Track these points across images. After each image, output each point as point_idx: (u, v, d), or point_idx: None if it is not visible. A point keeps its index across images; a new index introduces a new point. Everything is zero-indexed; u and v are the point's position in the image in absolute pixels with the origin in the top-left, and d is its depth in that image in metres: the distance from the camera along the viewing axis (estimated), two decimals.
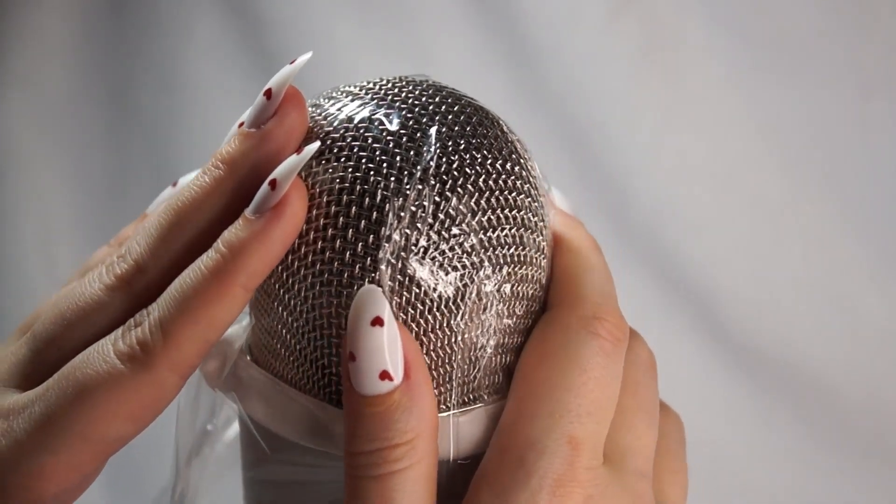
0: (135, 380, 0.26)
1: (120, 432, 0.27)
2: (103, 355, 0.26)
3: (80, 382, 0.26)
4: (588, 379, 0.28)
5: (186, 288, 0.26)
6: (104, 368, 0.26)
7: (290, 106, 0.28)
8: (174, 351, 0.26)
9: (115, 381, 0.26)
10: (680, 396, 0.41)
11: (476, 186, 0.28)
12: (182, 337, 0.26)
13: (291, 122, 0.28)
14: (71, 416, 0.26)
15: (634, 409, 0.29)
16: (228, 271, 0.26)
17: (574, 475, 0.27)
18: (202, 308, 0.26)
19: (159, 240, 0.28)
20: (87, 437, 0.26)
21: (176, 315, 0.26)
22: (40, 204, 0.83)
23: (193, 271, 0.26)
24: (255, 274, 0.26)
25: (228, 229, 0.27)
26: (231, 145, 0.28)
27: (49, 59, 0.83)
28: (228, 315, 0.26)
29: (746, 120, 0.81)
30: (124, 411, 0.26)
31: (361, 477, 0.26)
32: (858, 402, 0.80)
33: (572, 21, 0.80)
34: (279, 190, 0.26)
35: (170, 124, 0.83)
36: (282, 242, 0.27)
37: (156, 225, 0.28)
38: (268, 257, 0.26)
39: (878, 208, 0.80)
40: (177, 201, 0.28)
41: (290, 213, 0.26)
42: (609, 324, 0.28)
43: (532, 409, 0.27)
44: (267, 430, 0.29)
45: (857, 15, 0.78)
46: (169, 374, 0.26)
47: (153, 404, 0.27)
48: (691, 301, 0.82)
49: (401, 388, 0.26)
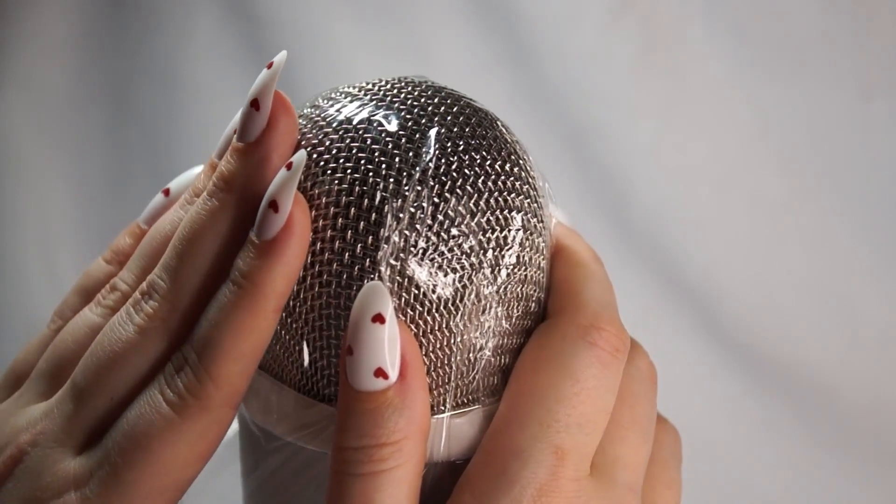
0: (194, 425, 0.26)
1: (190, 475, 0.27)
2: (156, 407, 0.26)
3: (141, 439, 0.26)
4: (580, 389, 0.27)
5: (222, 327, 0.26)
6: (163, 422, 0.26)
7: (280, 115, 0.28)
8: (224, 388, 0.26)
9: (177, 432, 0.26)
10: (679, 396, 0.41)
11: (475, 188, 0.28)
12: (229, 374, 0.26)
13: (283, 136, 0.28)
14: (142, 474, 0.26)
15: (629, 422, 0.29)
16: (257, 302, 0.26)
17: (557, 486, 0.27)
18: (241, 342, 0.26)
19: (183, 272, 0.28)
20: (162, 490, 0.26)
21: (218, 355, 0.26)
22: (40, 204, 0.83)
23: (224, 308, 0.26)
24: (282, 294, 0.27)
25: (242, 256, 0.27)
26: (231, 164, 0.28)
27: (49, 59, 0.83)
28: (265, 339, 0.27)
29: (746, 120, 0.81)
30: (193, 456, 0.27)
31: (345, 473, 0.26)
32: (858, 402, 0.80)
33: (572, 21, 0.80)
34: (283, 212, 0.26)
35: (169, 124, 0.83)
36: (298, 258, 0.27)
37: (174, 256, 0.28)
38: (290, 277, 0.27)
39: (878, 208, 0.80)
40: (190, 230, 0.28)
41: (298, 230, 0.26)
42: (608, 333, 0.28)
43: (521, 416, 0.27)
44: (265, 430, 0.29)
45: (857, 15, 0.78)
46: (224, 409, 0.27)
47: (215, 440, 0.27)
48: (691, 301, 0.82)
49: (395, 387, 0.26)
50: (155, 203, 0.33)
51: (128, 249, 0.33)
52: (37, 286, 0.81)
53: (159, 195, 0.33)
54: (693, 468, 0.34)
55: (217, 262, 0.27)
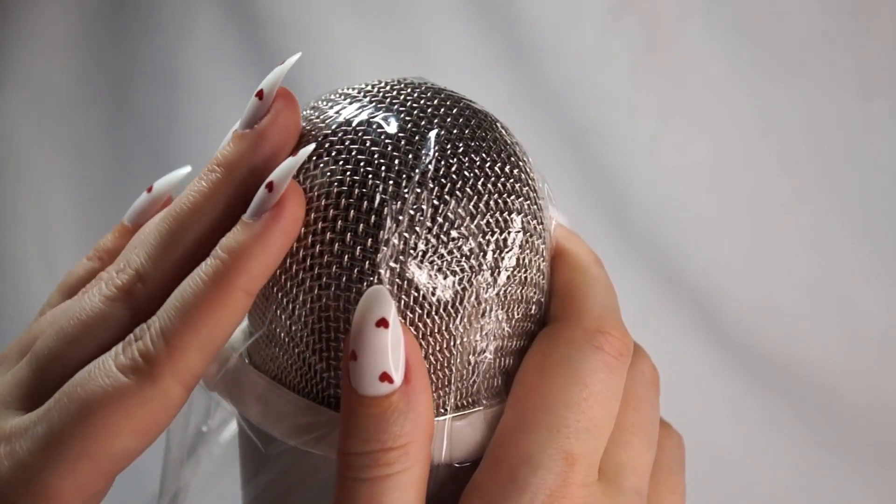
0: (139, 393, 0.25)
1: (126, 448, 0.26)
2: (105, 370, 0.26)
3: (83, 399, 0.26)
4: (588, 395, 0.27)
5: (187, 295, 0.26)
6: (107, 383, 0.26)
7: (281, 104, 0.28)
8: (178, 360, 0.26)
9: (119, 396, 0.25)
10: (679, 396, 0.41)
11: (475, 189, 0.27)
12: (185, 345, 0.26)
13: (285, 120, 0.28)
14: (75, 434, 0.25)
15: (633, 427, 0.29)
16: (229, 276, 0.26)
17: (567, 491, 0.26)
18: (204, 315, 0.26)
19: (159, 248, 0.28)
20: (93, 455, 0.26)
21: (178, 323, 0.26)
22: (40, 204, 0.83)
23: (193, 278, 0.26)
24: (256, 277, 0.26)
25: (227, 234, 0.26)
26: (227, 148, 0.28)
27: (49, 59, 0.83)
28: (231, 320, 0.26)
29: (746, 120, 0.81)
30: (129, 426, 0.26)
31: (352, 478, 0.26)
32: (858, 402, 0.80)
33: (572, 21, 0.80)
34: (276, 192, 0.26)
35: (169, 124, 0.83)
36: (281, 244, 0.26)
37: (154, 234, 0.28)
38: (268, 260, 0.26)
39: (878, 208, 0.80)
40: (175, 208, 0.28)
41: (288, 214, 0.26)
42: (613, 338, 0.28)
43: (529, 422, 0.27)
44: (265, 433, 0.29)
45: (857, 15, 0.78)
46: (174, 384, 0.26)
47: (159, 417, 0.26)
48: (691, 301, 0.82)
49: (400, 391, 0.26)
50: (139, 202, 0.33)
51: (111, 247, 0.33)
52: (37, 286, 0.81)
53: (143, 193, 0.33)
54: (693, 468, 0.34)
55: (200, 243, 0.27)
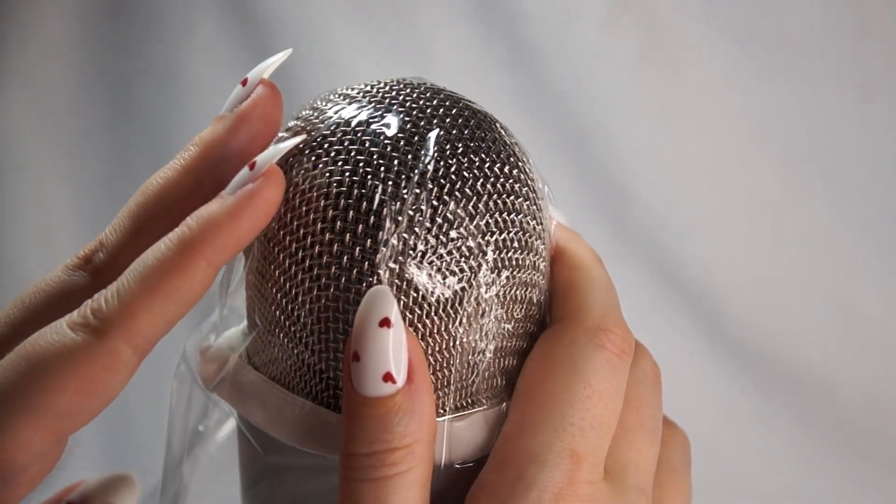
0: (86, 349, 0.25)
1: (70, 406, 0.25)
2: (56, 328, 0.25)
3: (29, 354, 0.25)
4: (592, 392, 0.27)
5: (148, 259, 0.26)
6: (55, 339, 0.25)
7: (263, 91, 0.28)
8: (130, 321, 0.25)
9: (66, 350, 0.25)
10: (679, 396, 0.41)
11: (474, 190, 0.27)
12: (138, 306, 0.25)
13: (264, 107, 0.28)
14: (18, 388, 0.25)
15: (637, 425, 0.29)
16: (193, 244, 0.25)
17: (574, 489, 0.27)
18: (162, 279, 0.25)
19: (123, 218, 0.28)
20: (33, 410, 0.25)
21: (134, 285, 0.25)
22: (40, 204, 0.83)
23: (158, 244, 0.26)
24: (220, 250, 0.26)
25: (200, 207, 0.26)
26: (206, 130, 0.29)
27: (49, 59, 0.83)
28: (190, 289, 0.26)
29: (746, 120, 0.81)
30: (74, 383, 0.25)
31: (357, 479, 0.26)
32: (858, 402, 0.80)
33: (572, 21, 0.80)
34: (256, 171, 0.26)
35: (170, 124, 0.83)
36: (252, 222, 0.26)
37: (125, 206, 0.28)
38: (236, 235, 0.26)
39: (878, 208, 0.80)
40: (147, 183, 0.28)
41: (264, 195, 0.26)
42: (615, 336, 0.28)
43: (535, 421, 0.27)
44: (265, 434, 0.29)
45: (857, 15, 0.78)
46: (123, 345, 0.25)
47: (105, 378, 0.25)
48: (691, 301, 0.82)
49: (402, 391, 0.26)
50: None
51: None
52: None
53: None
54: (692, 468, 0.34)
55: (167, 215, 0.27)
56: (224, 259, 0.26)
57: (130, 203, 0.28)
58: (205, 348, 0.31)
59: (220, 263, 0.26)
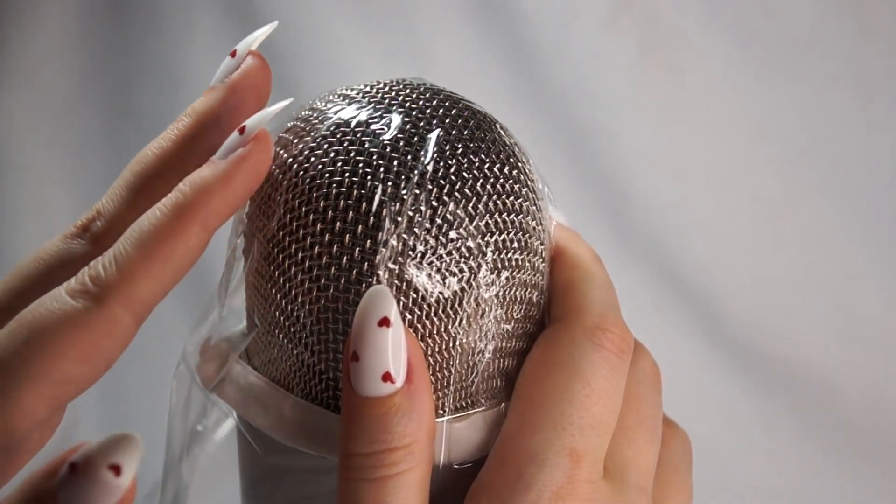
0: (86, 315, 0.25)
1: (70, 373, 0.25)
2: (55, 296, 0.26)
3: (30, 322, 0.25)
4: (591, 392, 0.27)
5: (144, 225, 0.26)
6: (55, 307, 0.25)
7: (252, 61, 0.29)
8: (128, 286, 0.25)
9: (66, 317, 0.25)
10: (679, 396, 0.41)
11: (473, 191, 0.27)
12: (136, 272, 0.25)
13: (254, 77, 0.29)
14: (18, 355, 0.25)
15: (636, 424, 0.29)
16: (187, 208, 0.26)
17: (574, 488, 0.27)
18: (158, 244, 0.26)
19: (120, 187, 0.28)
20: (35, 378, 0.25)
21: (131, 250, 0.26)
22: (40, 204, 0.83)
23: (153, 210, 0.26)
24: (215, 214, 0.26)
25: (193, 172, 0.27)
26: (198, 101, 0.29)
27: (49, 59, 0.83)
28: (186, 254, 0.26)
29: (746, 120, 0.81)
30: (74, 349, 0.25)
31: (356, 480, 0.25)
32: (858, 402, 0.80)
33: (572, 21, 0.80)
34: (246, 135, 0.27)
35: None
36: (245, 185, 0.27)
37: (119, 177, 0.28)
38: (229, 198, 0.26)
39: (878, 208, 0.80)
40: (142, 153, 0.28)
41: (255, 157, 0.27)
42: (614, 335, 0.28)
43: (534, 420, 0.27)
44: (265, 435, 0.29)
45: (857, 15, 0.78)
46: (121, 310, 0.25)
47: (105, 343, 0.25)
48: (691, 301, 0.82)
49: (402, 391, 0.26)
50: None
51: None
52: None
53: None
54: (692, 468, 0.34)
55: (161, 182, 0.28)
56: (218, 223, 0.27)
57: (126, 172, 0.29)
58: (204, 348, 0.31)
59: (213, 227, 0.26)
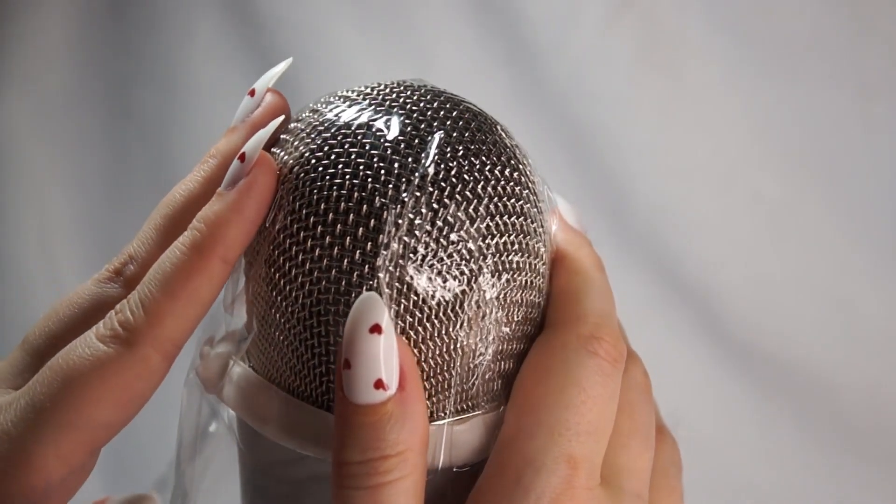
0: (118, 361, 0.26)
1: (107, 418, 0.26)
2: (86, 341, 0.26)
3: (64, 370, 0.26)
4: (587, 398, 0.27)
5: (165, 266, 0.27)
6: (87, 353, 0.26)
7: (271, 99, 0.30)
8: (156, 328, 0.26)
9: (99, 364, 0.26)
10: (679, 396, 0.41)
11: (474, 193, 0.27)
12: (163, 313, 0.26)
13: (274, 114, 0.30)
14: (56, 404, 0.26)
15: (631, 431, 0.29)
16: (205, 244, 0.27)
17: (572, 494, 0.27)
18: (182, 283, 0.26)
19: (152, 231, 0.29)
20: (74, 425, 0.26)
21: (156, 292, 0.26)
22: (40, 204, 0.83)
23: (172, 250, 0.27)
24: (232, 245, 0.27)
25: (204, 207, 0.27)
26: (221, 141, 0.30)
27: (49, 59, 0.83)
28: (209, 289, 0.27)
29: (746, 120, 0.81)
30: (109, 395, 0.26)
31: (350, 487, 0.25)
32: (858, 402, 0.80)
33: (572, 21, 0.80)
34: (248, 162, 0.27)
35: (169, 125, 0.83)
36: (255, 211, 0.27)
37: (150, 221, 0.29)
38: (243, 227, 0.27)
39: (878, 208, 0.80)
40: (171, 196, 0.29)
41: (260, 182, 0.27)
42: (607, 344, 0.28)
43: (531, 426, 0.27)
44: (264, 437, 0.29)
45: (857, 15, 0.78)
46: (152, 352, 0.26)
47: (139, 386, 0.26)
48: (691, 301, 0.82)
49: (394, 398, 0.26)
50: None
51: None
52: (37, 287, 0.81)
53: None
54: (692, 468, 0.34)
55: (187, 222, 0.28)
56: (237, 253, 0.27)
57: (154, 215, 0.29)
58: (206, 352, 0.31)
59: (233, 258, 0.27)
